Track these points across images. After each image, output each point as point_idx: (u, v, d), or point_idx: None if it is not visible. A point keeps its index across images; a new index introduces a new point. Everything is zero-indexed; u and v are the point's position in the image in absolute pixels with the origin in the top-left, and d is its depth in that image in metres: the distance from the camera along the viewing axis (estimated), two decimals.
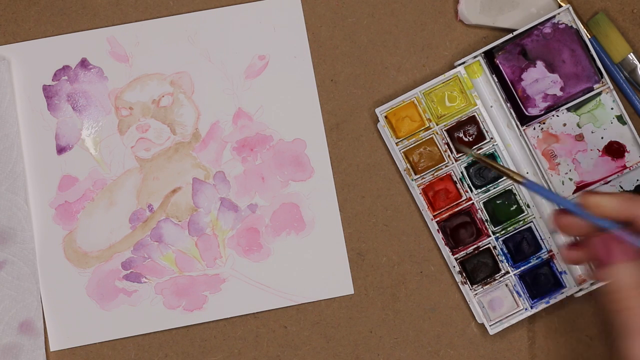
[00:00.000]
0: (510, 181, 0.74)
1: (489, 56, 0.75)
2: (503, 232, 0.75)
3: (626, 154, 0.75)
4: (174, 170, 0.76)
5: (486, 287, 0.74)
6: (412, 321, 0.76)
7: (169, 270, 0.76)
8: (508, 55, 0.75)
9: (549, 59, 0.74)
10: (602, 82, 0.74)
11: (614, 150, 0.75)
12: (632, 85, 0.76)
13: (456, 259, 0.74)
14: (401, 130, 0.75)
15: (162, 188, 0.76)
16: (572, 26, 0.74)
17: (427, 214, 0.75)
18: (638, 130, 0.75)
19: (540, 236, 0.74)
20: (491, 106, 0.75)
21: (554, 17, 0.74)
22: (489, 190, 0.75)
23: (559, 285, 0.74)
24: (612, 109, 0.75)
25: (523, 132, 0.74)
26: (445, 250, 0.74)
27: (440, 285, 0.76)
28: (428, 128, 0.75)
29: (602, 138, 0.75)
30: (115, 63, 0.77)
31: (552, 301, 0.74)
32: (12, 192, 0.75)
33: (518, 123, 0.74)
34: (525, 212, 0.75)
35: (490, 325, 0.74)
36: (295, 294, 0.75)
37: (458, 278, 0.74)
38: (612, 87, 0.74)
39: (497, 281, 0.74)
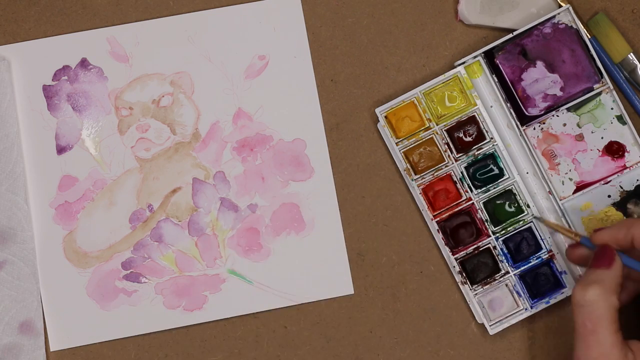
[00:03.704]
0: (511, 181, 0.75)
1: (489, 56, 0.75)
2: (503, 232, 0.75)
3: (626, 154, 0.75)
4: (174, 170, 0.76)
5: (486, 287, 0.74)
6: (412, 321, 0.76)
7: (169, 270, 0.76)
8: (508, 55, 0.75)
9: (549, 59, 0.74)
10: (602, 82, 0.74)
11: (614, 150, 0.75)
12: (632, 85, 0.76)
13: (456, 259, 0.74)
14: (401, 130, 0.75)
15: (162, 188, 0.76)
16: (572, 26, 0.74)
17: (427, 214, 0.75)
18: (638, 130, 0.75)
19: (540, 236, 0.74)
20: (491, 106, 0.75)
21: (554, 17, 0.74)
22: (489, 190, 0.75)
23: (559, 285, 0.74)
24: (612, 109, 0.75)
25: (523, 132, 0.74)
26: (445, 250, 0.74)
27: (440, 285, 0.76)
28: (428, 128, 0.75)
29: (602, 138, 0.75)
30: (115, 63, 0.77)
31: (552, 301, 0.74)
32: (12, 192, 0.75)
33: (518, 123, 0.74)
34: (525, 212, 0.75)
35: (490, 325, 0.74)
36: (295, 294, 0.75)
37: (458, 278, 0.74)
38: (612, 87, 0.74)
39: (497, 281, 0.74)
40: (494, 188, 0.75)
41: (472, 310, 0.75)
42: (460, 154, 0.75)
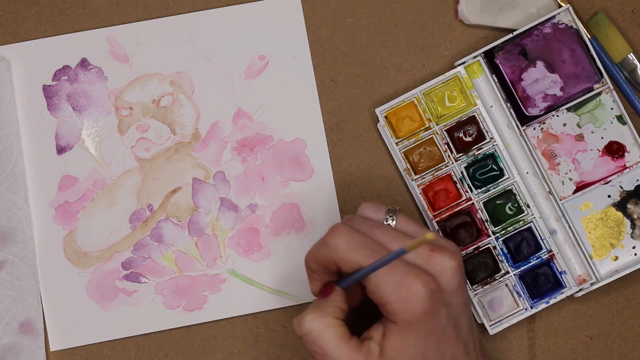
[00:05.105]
0: (511, 181, 0.75)
1: (489, 56, 0.75)
2: (503, 232, 0.75)
3: (626, 154, 0.75)
4: (174, 170, 0.76)
5: (486, 287, 0.74)
6: None
7: (169, 270, 0.76)
8: (508, 55, 0.75)
9: (549, 59, 0.74)
10: (602, 82, 0.74)
11: (614, 150, 0.75)
12: (632, 85, 0.76)
13: None
14: (401, 130, 0.75)
15: (162, 188, 0.76)
16: (572, 26, 0.74)
17: (427, 214, 0.75)
18: (638, 130, 0.75)
19: (540, 236, 0.74)
20: (491, 106, 0.75)
21: (554, 17, 0.74)
22: (489, 190, 0.75)
23: (559, 285, 0.74)
24: (612, 109, 0.75)
25: (523, 132, 0.74)
26: None
27: None
28: (428, 128, 0.75)
29: (602, 138, 0.75)
30: (115, 63, 0.77)
31: (552, 301, 0.74)
32: (12, 192, 0.75)
33: (518, 123, 0.74)
34: (525, 212, 0.75)
35: (490, 325, 0.74)
36: (295, 294, 0.75)
37: None
38: (612, 87, 0.74)
39: (497, 281, 0.74)
40: (494, 188, 0.75)
41: (472, 310, 0.75)
42: (460, 154, 0.75)
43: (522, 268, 0.74)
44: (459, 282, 0.64)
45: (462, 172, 0.75)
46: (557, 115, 0.75)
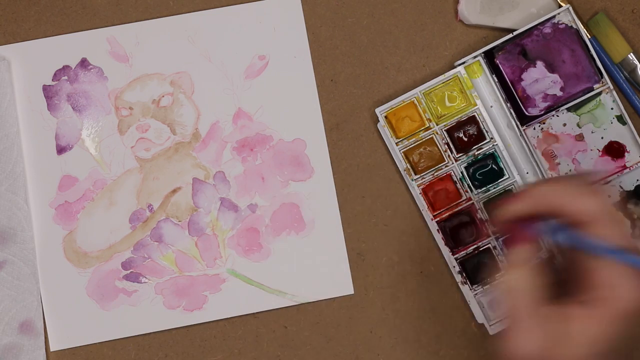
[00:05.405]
0: (511, 181, 0.75)
1: (489, 56, 0.75)
2: None
3: (626, 154, 0.75)
4: (174, 170, 0.76)
5: (486, 287, 0.74)
6: (412, 321, 0.76)
7: (169, 270, 0.76)
8: (508, 55, 0.75)
9: (549, 59, 0.74)
10: (602, 82, 0.74)
11: (614, 150, 0.75)
12: (632, 85, 0.76)
13: (456, 259, 0.74)
14: (401, 130, 0.75)
15: (162, 188, 0.76)
16: (572, 26, 0.74)
17: (427, 214, 0.75)
18: (638, 130, 0.75)
19: None
20: (491, 106, 0.75)
21: (554, 17, 0.74)
22: (489, 190, 0.75)
23: None
24: (612, 109, 0.75)
25: (523, 132, 0.74)
26: (445, 250, 0.74)
27: (440, 285, 0.76)
28: (428, 128, 0.75)
29: (602, 138, 0.75)
30: (115, 63, 0.77)
31: None
32: (12, 192, 0.75)
33: (518, 123, 0.74)
34: None
35: (490, 325, 0.74)
36: (295, 294, 0.75)
37: (458, 278, 0.74)
38: (612, 87, 0.74)
39: (497, 281, 0.74)
40: (494, 188, 0.75)
41: (472, 310, 0.75)
42: (460, 154, 0.75)
43: None
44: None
45: (462, 172, 0.75)
46: (557, 115, 0.75)
